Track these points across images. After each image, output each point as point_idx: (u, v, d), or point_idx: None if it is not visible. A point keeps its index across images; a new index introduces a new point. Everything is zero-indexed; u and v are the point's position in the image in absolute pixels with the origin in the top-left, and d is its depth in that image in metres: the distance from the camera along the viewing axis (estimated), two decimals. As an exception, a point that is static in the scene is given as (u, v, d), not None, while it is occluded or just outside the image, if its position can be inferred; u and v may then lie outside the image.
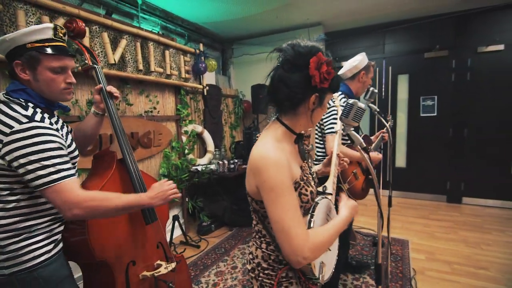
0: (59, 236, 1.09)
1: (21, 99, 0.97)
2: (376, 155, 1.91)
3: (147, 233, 1.38)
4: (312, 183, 0.97)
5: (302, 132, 0.98)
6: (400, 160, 4.45)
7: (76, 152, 1.12)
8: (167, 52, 2.97)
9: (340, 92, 1.91)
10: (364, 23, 4.25)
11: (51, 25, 1.04)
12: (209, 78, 4.21)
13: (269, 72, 0.93)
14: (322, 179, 1.18)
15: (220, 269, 2.55)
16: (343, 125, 1.08)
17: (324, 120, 1.82)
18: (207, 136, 3.83)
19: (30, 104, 0.98)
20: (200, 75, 3.52)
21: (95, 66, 1.35)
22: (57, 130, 1.00)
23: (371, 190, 1.81)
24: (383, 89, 4.43)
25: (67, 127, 1.17)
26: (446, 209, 3.87)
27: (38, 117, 0.95)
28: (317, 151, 2.04)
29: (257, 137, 0.97)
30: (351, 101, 1.03)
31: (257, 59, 4.85)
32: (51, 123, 0.99)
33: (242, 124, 5.00)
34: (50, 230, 1.04)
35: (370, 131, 4.60)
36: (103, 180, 1.23)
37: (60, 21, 2.01)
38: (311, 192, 0.91)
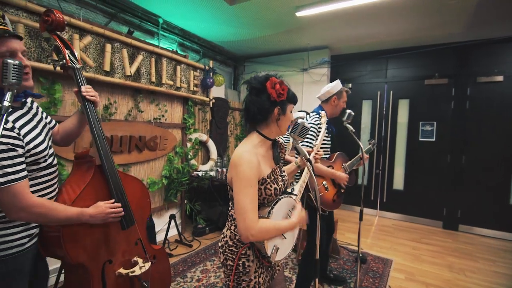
0: (36, 230, 1.14)
1: None
2: (343, 175, 2.07)
3: (125, 233, 1.42)
4: (280, 182, 1.20)
5: (277, 139, 1.28)
6: (398, 183, 4.50)
7: (43, 146, 1.11)
8: (178, 67, 3.33)
9: (314, 112, 2.12)
10: (369, 49, 4.46)
11: None
12: (218, 92, 4.55)
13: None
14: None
15: (206, 267, 2.75)
16: (293, 139, 1.30)
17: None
18: (211, 144, 4.12)
19: None
20: (207, 88, 3.85)
21: (74, 66, 1.29)
22: (12, 128, 0.99)
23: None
24: (384, 112, 4.56)
25: (47, 120, 1.22)
26: (441, 235, 3.86)
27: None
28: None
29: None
30: (299, 120, 1.26)
31: (265, 76, 5.15)
32: (6, 122, 0.98)
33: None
34: (26, 223, 1.10)
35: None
36: (81, 187, 1.27)
37: (88, 39, 2.40)
38: (275, 188, 1.15)
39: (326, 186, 2.05)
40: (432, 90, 4.15)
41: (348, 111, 2.16)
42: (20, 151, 1.00)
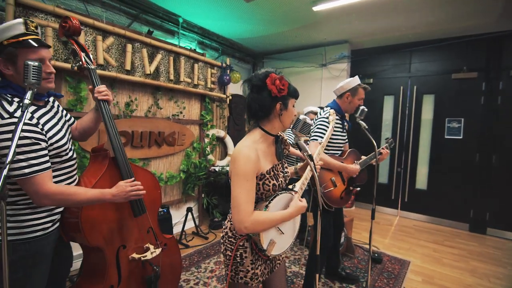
0: (57, 217, 1.24)
1: (8, 95, 1.06)
2: (354, 167, 2.04)
3: (137, 221, 1.52)
4: (280, 178, 1.21)
5: (281, 135, 1.31)
6: (421, 182, 4.30)
7: (64, 140, 1.22)
8: (196, 65, 3.43)
9: (329, 108, 2.09)
10: (391, 42, 4.29)
11: (21, 20, 1.10)
12: (236, 88, 4.61)
13: (294, 85, 1.23)
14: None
15: (220, 259, 2.84)
16: (296, 135, 1.31)
17: (312, 128, 2.02)
18: (229, 140, 4.20)
19: (16, 99, 1.07)
20: (224, 85, 3.92)
21: (89, 67, 1.40)
22: (36, 124, 1.09)
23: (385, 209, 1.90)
24: (407, 108, 4.37)
25: (66, 117, 1.33)
26: (466, 238, 3.66)
27: (19, 112, 1.03)
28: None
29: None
30: (301, 117, 1.27)
31: (284, 73, 5.13)
32: (31, 117, 1.08)
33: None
34: (50, 209, 1.20)
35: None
36: (96, 177, 1.38)
37: (110, 40, 2.55)
38: (274, 184, 1.16)
39: (334, 181, 2.02)
40: (460, 85, 3.90)
41: (362, 107, 2.11)
42: (43, 144, 1.10)
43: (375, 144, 2.11)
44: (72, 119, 1.44)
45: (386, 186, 4.57)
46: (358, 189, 4.71)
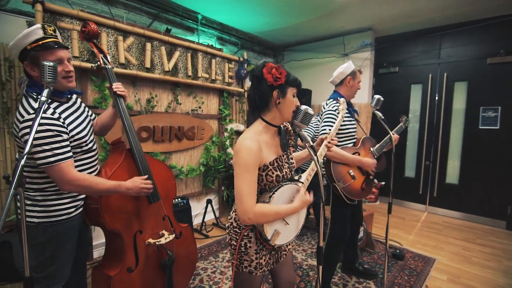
0: (80, 202, 1.37)
1: (34, 93, 1.19)
2: (370, 161, 1.97)
3: (152, 209, 1.65)
4: (285, 169, 1.22)
5: (286, 126, 1.33)
6: (452, 176, 4.03)
7: (84, 133, 1.34)
8: (213, 61, 3.49)
9: (331, 99, 2.05)
10: (418, 27, 4.02)
11: (39, 25, 1.20)
12: (255, 82, 4.62)
13: (316, 77, 1.26)
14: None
15: (237, 250, 2.91)
16: (297, 126, 1.30)
17: (321, 124, 1.99)
18: (248, 134, 4.24)
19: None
20: (242, 80, 3.95)
21: (106, 66, 1.54)
22: (58, 118, 1.20)
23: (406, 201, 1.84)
24: (436, 97, 4.08)
25: (88, 113, 1.45)
26: (501, 236, 3.38)
27: (43, 108, 1.14)
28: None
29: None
30: (302, 107, 1.25)
31: (303, 64, 5.04)
32: (54, 112, 1.21)
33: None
34: (74, 195, 1.33)
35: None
36: (114, 167, 1.53)
37: (131, 40, 2.68)
38: (277, 175, 1.17)
39: (352, 174, 1.95)
40: (496, 70, 3.56)
41: (377, 96, 2.02)
42: (65, 136, 1.22)
43: (391, 133, 2.03)
44: (94, 115, 1.56)
45: (413, 180, 4.34)
46: (383, 183, 4.56)
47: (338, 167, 1.93)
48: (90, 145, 1.40)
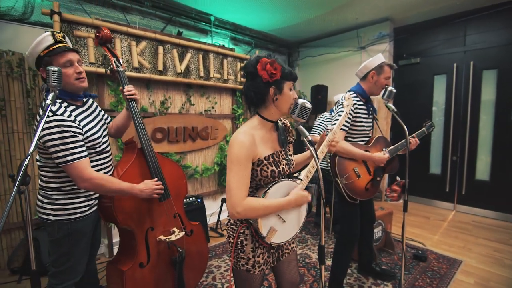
0: (93, 202, 1.44)
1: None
2: (380, 155, 1.87)
3: (163, 206, 1.71)
4: (282, 165, 1.19)
5: (284, 122, 1.32)
6: (482, 172, 3.74)
7: (98, 135, 1.40)
8: (225, 61, 3.52)
9: (352, 92, 1.96)
10: (440, 13, 3.77)
11: (49, 32, 1.28)
12: (269, 80, 4.59)
13: (332, 72, 1.23)
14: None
15: (251, 249, 2.91)
16: (296, 120, 1.26)
17: (333, 118, 1.92)
18: (262, 133, 4.22)
19: (58, 100, 1.28)
20: (255, 78, 3.94)
21: (118, 69, 1.62)
22: (73, 120, 1.28)
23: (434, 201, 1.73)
24: (462, 88, 3.81)
25: (104, 116, 1.54)
26: (541, 237, 3.08)
27: (60, 111, 1.24)
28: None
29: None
30: (299, 100, 1.21)
31: (318, 60, 4.94)
32: (70, 115, 1.28)
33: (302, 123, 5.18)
34: (88, 195, 1.41)
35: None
36: (127, 164, 1.60)
37: (143, 44, 2.78)
38: (272, 171, 1.14)
39: (357, 172, 1.87)
40: (531, 56, 3.26)
41: (389, 88, 1.92)
42: (80, 137, 1.30)
43: (406, 129, 1.91)
44: (109, 118, 1.64)
45: (440, 177, 4.09)
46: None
47: (344, 162, 1.86)
48: (104, 146, 1.47)
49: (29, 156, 1.00)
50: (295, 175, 1.30)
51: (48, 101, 1.17)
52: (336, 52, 4.63)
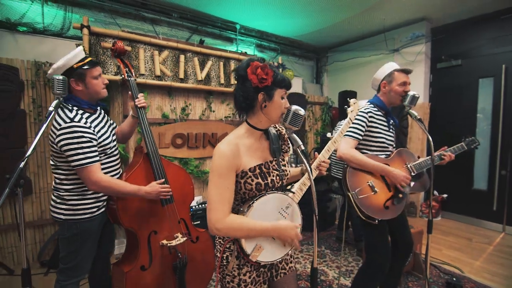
0: (101, 203, 1.53)
1: (70, 105, 1.39)
2: (399, 173, 1.66)
3: (166, 211, 1.72)
4: (271, 177, 1.11)
5: (275, 129, 1.25)
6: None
7: (109, 140, 1.52)
8: (246, 67, 3.52)
9: (369, 103, 1.82)
10: (484, 10, 3.37)
11: (81, 47, 1.47)
12: (295, 87, 4.50)
13: (360, 78, 1.19)
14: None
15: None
16: (287, 129, 1.18)
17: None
18: (285, 140, 4.13)
19: (75, 108, 1.40)
20: (277, 85, 3.88)
21: (130, 78, 1.72)
22: (89, 127, 1.39)
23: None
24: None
25: (111, 122, 1.63)
26: None
27: (77, 118, 1.35)
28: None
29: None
30: (292, 107, 1.13)
31: (347, 65, 4.73)
32: (86, 122, 1.39)
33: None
34: (97, 197, 1.50)
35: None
36: (133, 168, 1.68)
37: (165, 53, 2.89)
38: (258, 183, 1.07)
39: (372, 185, 1.67)
40: None
41: (411, 93, 1.73)
42: (94, 142, 1.40)
43: (431, 140, 1.70)
44: (115, 123, 1.74)
45: (486, 194, 3.60)
46: (445, 196, 3.92)
47: (356, 174, 1.69)
48: (113, 149, 1.58)
49: (25, 160, 1.06)
50: (289, 187, 1.21)
51: (51, 108, 1.25)
52: (366, 56, 4.39)
